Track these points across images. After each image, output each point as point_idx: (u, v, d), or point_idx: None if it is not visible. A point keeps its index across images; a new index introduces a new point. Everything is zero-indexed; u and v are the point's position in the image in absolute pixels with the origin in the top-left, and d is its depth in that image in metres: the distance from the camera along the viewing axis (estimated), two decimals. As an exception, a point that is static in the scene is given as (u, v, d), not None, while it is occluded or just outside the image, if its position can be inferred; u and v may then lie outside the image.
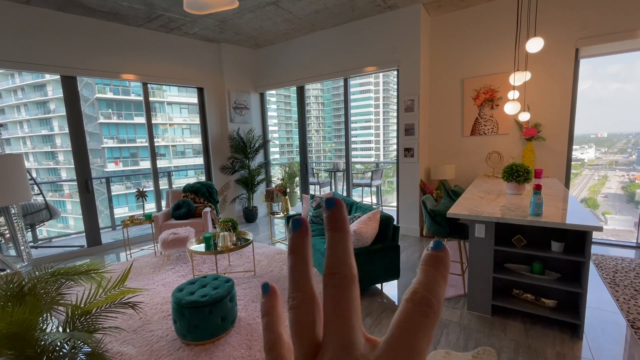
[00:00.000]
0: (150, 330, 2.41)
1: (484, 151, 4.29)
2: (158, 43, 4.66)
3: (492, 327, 2.30)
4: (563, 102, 3.75)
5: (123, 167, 19.13)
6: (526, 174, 2.82)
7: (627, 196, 7.25)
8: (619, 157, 8.11)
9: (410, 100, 4.26)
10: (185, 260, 3.83)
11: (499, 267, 2.46)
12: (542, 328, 2.26)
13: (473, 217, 2.32)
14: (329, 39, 4.89)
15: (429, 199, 3.02)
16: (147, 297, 2.93)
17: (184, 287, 2.36)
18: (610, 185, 7.82)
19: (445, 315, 2.49)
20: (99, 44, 4.16)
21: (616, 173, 8.03)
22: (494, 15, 4.01)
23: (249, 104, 5.75)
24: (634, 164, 7.71)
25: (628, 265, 3.18)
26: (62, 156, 19.69)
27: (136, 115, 19.06)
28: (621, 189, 7.68)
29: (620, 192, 7.58)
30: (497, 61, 4.07)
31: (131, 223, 3.98)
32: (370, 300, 2.76)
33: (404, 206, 4.55)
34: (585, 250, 2.08)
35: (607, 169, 8.06)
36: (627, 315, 2.36)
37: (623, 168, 7.96)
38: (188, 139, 20.66)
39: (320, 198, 3.91)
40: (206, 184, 4.59)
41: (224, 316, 2.25)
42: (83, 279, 1.44)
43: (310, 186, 6.03)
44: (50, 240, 5.02)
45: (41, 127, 19.98)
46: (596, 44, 3.53)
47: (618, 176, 7.94)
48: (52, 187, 17.17)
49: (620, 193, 7.48)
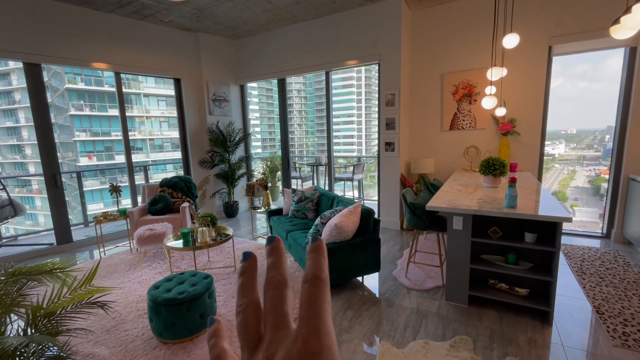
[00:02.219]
0: (125, 329, 2.32)
1: (462, 145, 4.38)
2: (131, 31, 4.44)
3: (468, 317, 2.37)
4: (536, 99, 3.88)
5: (97, 161, 18.31)
6: (502, 168, 2.90)
7: (594, 189, 7.65)
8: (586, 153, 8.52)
9: (391, 94, 4.28)
10: (163, 257, 3.72)
11: (475, 258, 2.53)
12: (515, 316, 2.35)
13: (451, 209, 2.36)
14: (310, 31, 4.82)
15: (408, 193, 3.05)
16: (121, 296, 2.82)
17: (160, 284, 2.29)
18: (578, 179, 8.22)
19: (424, 306, 2.54)
20: (67, 30, 3.91)
21: (584, 167, 8.44)
22: (473, 12, 4.07)
23: (228, 96, 5.61)
24: (599, 159, 8.12)
25: (594, 255, 3.36)
26: (30, 150, 18.60)
27: (110, 107, 18.22)
28: (588, 183, 8.09)
29: (587, 185, 7.98)
30: (476, 57, 4.14)
31: (104, 219, 3.81)
32: (351, 294, 2.77)
33: (384, 200, 4.59)
34: (556, 241, 2.16)
35: (576, 163, 8.46)
36: (593, 301, 2.49)
37: (590, 163, 8.37)
38: (166, 132, 20.01)
39: (302, 192, 3.88)
40: (184, 178, 4.46)
41: (203, 313, 2.20)
42: (47, 279, 1.36)
43: (292, 180, 5.98)
44: (16, 239, 4.74)
45: (5, 118, 18.77)
46: (568, 42, 3.65)
47: (585, 170, 8.35)
48: (18, 183, 16.24)
49: (587, 186, 7.88)
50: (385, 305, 2.58)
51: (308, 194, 3.83)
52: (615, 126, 3.80)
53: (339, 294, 2.77)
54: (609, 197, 3.87)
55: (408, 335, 2.19)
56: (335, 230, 2.68)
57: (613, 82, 3.71)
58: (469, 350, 2.00)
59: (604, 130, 8.23)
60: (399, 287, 2.86)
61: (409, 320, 2.36)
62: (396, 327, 2.28)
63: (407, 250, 3.68)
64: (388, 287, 2.88)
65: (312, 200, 3.79)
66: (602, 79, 6.88)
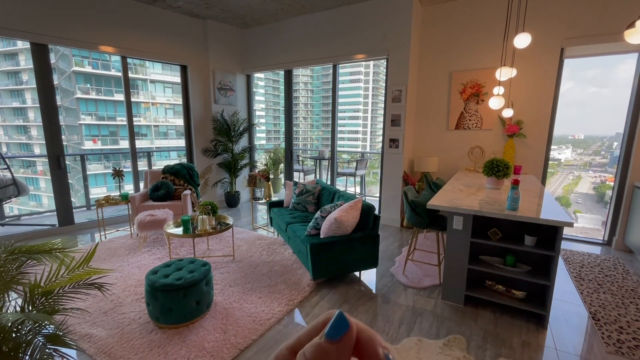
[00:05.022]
0: (122, 312, 2.35)
1: (467, 145, 4.34)
2: (140, 15, 4.41)
3: (463, 317, 2.37)
4: (545, 101, 3.83)
5: (102, 145, 18.39)
6: (505, 169, 2.88)
7: (598, 196, 7.58)
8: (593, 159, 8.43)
9: (398, 90, 4.24)
10: (163, 243, 3.74)
11: (474, 258, 2.52)
12: (510, 318, 2.35)
13: (452, 209, 2.35)
14: (318, 23, 4.77)
15: (410, 190, 3.04)
16: (120, 279, 2.85)
17: (158, 269, 2.31)
18: (583, 185, 8.15)
19: (420, 304, 2.55)
20: (75, 11, 3.89)
21: (589, 174, 8.36)
22: (485, 9, 4.00)
23: (234, 86, 5.58)
24: (606, 166, 8.05)
25: (594, 261, 3.34)
26: (35, 131, 18.71)
27: (117, 91, 18.23)
28: (592, 190, 8.01)
29: (592, 192, 7.91)
30: (486, 56, 4.08)
31: (106, 203, 3.83)
32: (348, 288, 2.78)
33: (386, 196, 4.58)
34: (556, 245, 2.15)
35: (582, 169, 8.38)
36: (590, 307, 2.48)
37: (596, 169, 8.29)
38: (171, 120, 20.02)
39: (304, 185, 3.88)
40: (187, 165, 4.47)
41: (199, 300, 2.22)
42: (46, 258, 1.37)
43: (295, 173, 5.98)
44: (19, 218, 4.79)
45: (12, 99, 18.85)
46: (581, 44, 3.58)
47: (590, 177, 8.27)
48: (23, 164, 16.37)
49: (592, 193, 7.81)
50: (381, 301, 2.59)
51: (309, 187, 3.82)
52: (623, 133, 3.74)
53: (335, 287, 2.78)
54: (612, 204, 3.83)
55: (402, 332, 2.19)
56: (334, 224, 2.68)
57: (623, 88, 3.65)
58: (462, 349, 2.01)
59: (612, 137, 8.14)
60: (396, 284, 2.87)
61: (404, 317, 2.37)
62: (391, 323, 2.29)
63: (405, 248, 3.68)
64: (385, 283, 2.88)
65: (313, 194, 3.78)
66: (613, 85, 6.77)
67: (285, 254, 3.42)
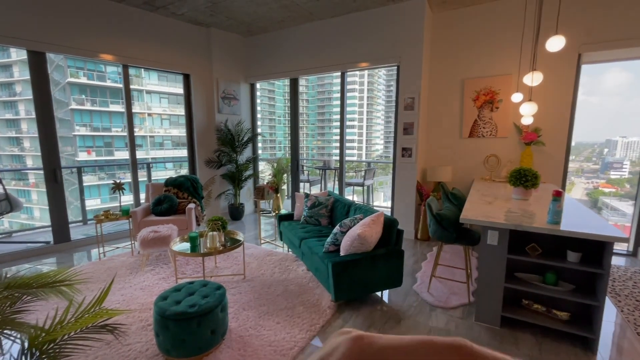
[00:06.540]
0: (127, 343, 2.11)
1: (481, 154, 4.21)
2: (141, 22, 4.26)
3: (502, 340, 2.18)
4: (563, 108, 3.72)
5: (96, 156, 18.04)
6: (534, 180, 2.73)
7: (591, 202, 7.61)
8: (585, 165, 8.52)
9: (411, 98, 4.11)
10: (166, 260, 3.51)
11: (509, 276, 2.34)
12: (554, 341, 2.16)
13: (488, 223, 2.17)
14: (326, 30, 4.66)
15: (433, 202, 2.87)
16: (122, 304, 2.61)
17: (168, 294, 2.08)
18: (576, 192, 8.16)
19: (452, 326, 2.35)
20: (74, 19, 3.72)
21: (582, 180, 8.42)
22: (498, 16, 3.92)
23: (238, 95, 5.43)
24: (597, 172, 8.16)
25: (624, 274, 3.18)
26: (28, 143, 18.32)
27: (112, 102, 18.01)
28: (586, 195, 8.05)
29: (585, 198, 7.93)
30: (499, 63, 3.98)
31: (106, 218, 3.60)
32: (371, 309, 2.57)
33: (399, 207, 4.40)
34: (604, 262, 1.98)
35: (575, 175, 8.40)
36: (635, 327, 2.30)
37: (588, 175, 8.35)
38: (168, 130, 19.79)
39: (316, 197, 3.69)
40: (190, 177, 4.26)
41: (214, 329, 1.99)
42: (43, 292, 1.16)
43: (300, 184, 5.79)
44: (10, 235, 4.51)
45: (5, 110, 18.50)
46: (599, 50, 3.50)
47: (583, 183, 8.32)
48: (15, 176, 15.95)
49: (585, 199, 7.81)
50: (410, 323, 2.38)
51: (322, 200, 3.63)
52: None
53: (358, 309, 2.57)
54: (637, 213, 3.69)
55: None
56: (357, 241, 2.48)
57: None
58: (510, 381, 1.81)
59: (602, 144, 8.30)
60: (422, 303, 2.67)
61: (438, 342, 2.16)
62: (425, 350, 2.08)
63: (425, 263, 3.49)
64: (410, 303, 2.68)
65: (326, 206, 3.59)
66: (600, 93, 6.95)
67: (299, 271, 3.21)
